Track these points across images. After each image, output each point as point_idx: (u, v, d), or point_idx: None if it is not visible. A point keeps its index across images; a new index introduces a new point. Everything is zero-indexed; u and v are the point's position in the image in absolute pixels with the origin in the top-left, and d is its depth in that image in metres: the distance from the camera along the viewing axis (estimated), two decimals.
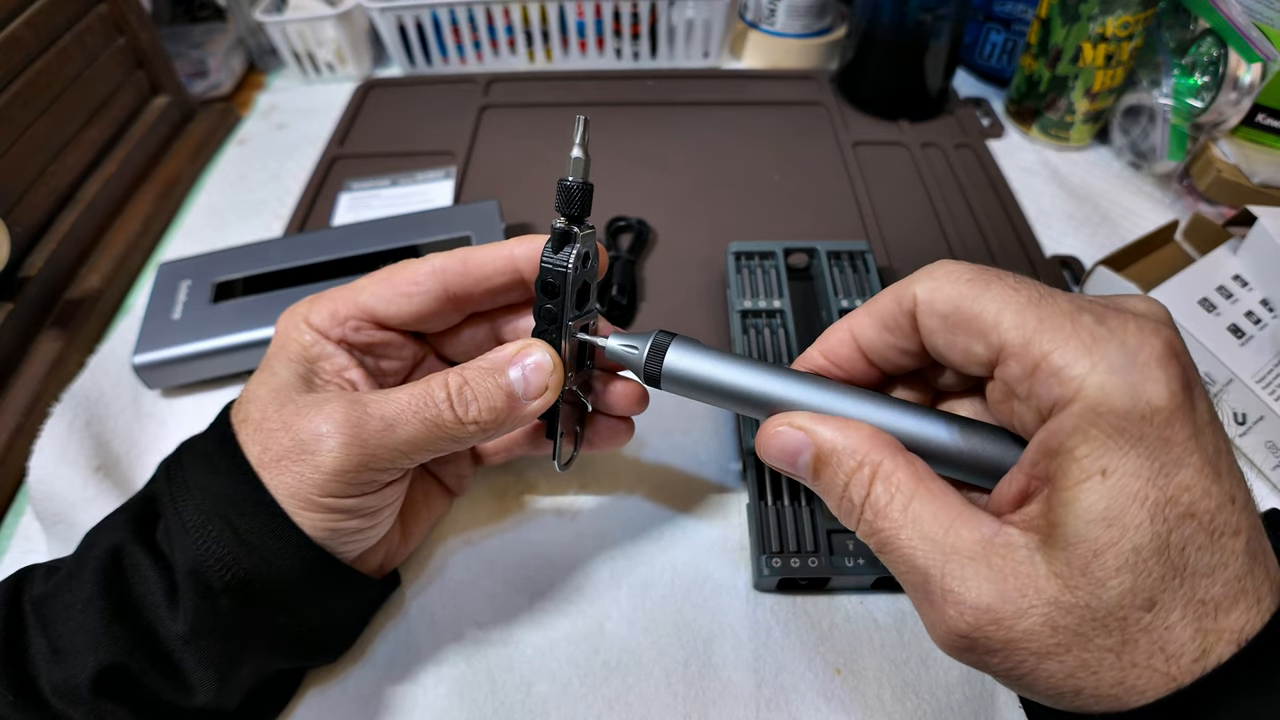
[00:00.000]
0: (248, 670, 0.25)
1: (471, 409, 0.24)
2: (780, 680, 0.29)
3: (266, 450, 0.23)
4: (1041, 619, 0.17)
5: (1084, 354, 0.17)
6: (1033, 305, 0.18)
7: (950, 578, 0.18)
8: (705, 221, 0.48)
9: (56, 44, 0.44)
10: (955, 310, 0.19)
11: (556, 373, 0.25)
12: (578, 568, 0.32)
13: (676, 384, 0.25)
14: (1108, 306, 0.18)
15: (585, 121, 0.23)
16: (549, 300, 0.25)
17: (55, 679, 0.22)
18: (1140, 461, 0.16)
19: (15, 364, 0.38)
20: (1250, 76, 0.44)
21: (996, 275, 0.19)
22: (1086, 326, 0.17)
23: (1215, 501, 0.16)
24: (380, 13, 0.58)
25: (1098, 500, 0.16)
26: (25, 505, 0.35)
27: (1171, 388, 0.16)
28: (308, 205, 0.49)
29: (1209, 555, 0.16)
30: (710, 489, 0.35)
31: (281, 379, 0.25)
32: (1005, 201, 0.49)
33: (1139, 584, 0.16)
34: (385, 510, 0.26)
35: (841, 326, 0.23)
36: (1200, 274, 0.39)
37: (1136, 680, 0.16)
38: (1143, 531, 0.16)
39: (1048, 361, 0.17)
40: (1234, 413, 0.35)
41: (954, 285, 0.20)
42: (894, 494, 0.19)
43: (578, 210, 0.23)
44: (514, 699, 0.28)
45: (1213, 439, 0.17)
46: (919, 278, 0.21)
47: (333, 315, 0.26)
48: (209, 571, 0.23)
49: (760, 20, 0.61)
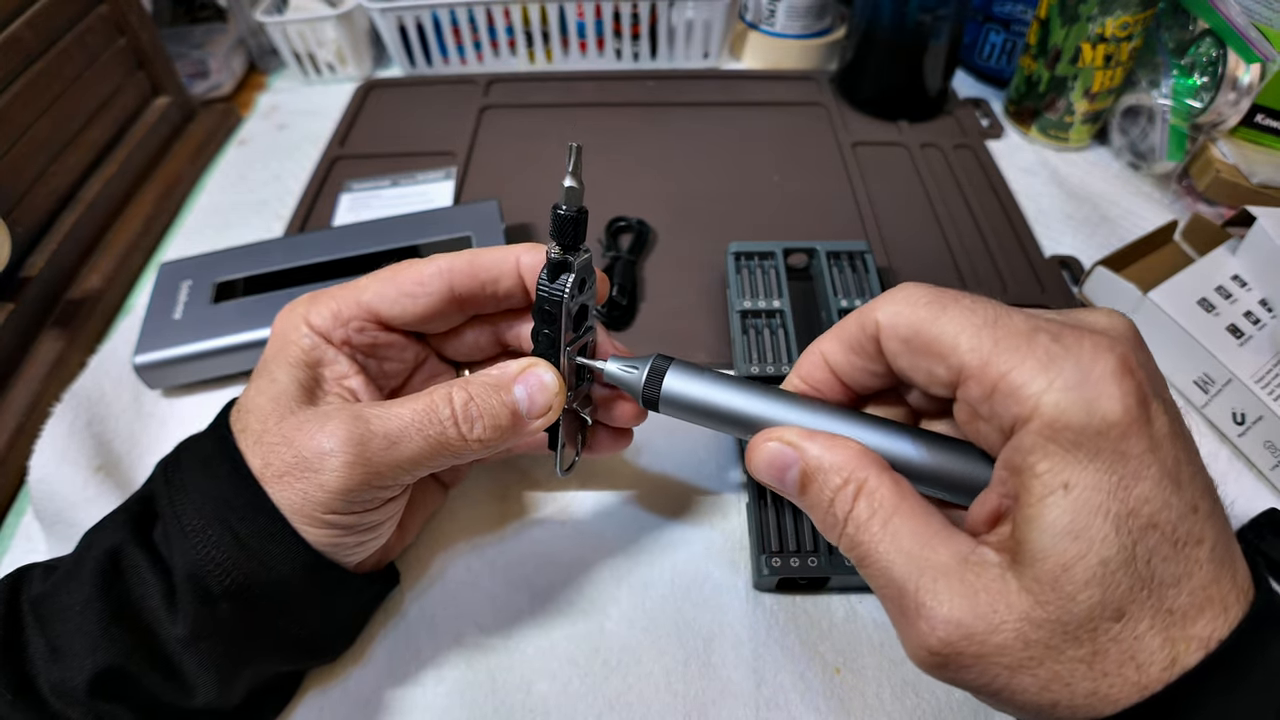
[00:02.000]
0: (248, 672, 0.25)
1: (476, 427, 0.24)
2: (780, 679, 0.29)
3: (268, 465, 0.23)
4: (1014, 633, 0.17)
5: (1040, 372, 0.17)
6: (989, 326, 0.19)
7: (924, 592, 0.18)
8: (705, 222, 0.48)
9: (57, 44, 0.44)
10: (915, 334, 0.20)
11: (560, 393, 0.25)
12: (578, 567, 0.32)
13: (674, 408, 0.25)
14: (1065, 324, 0.19)
15: (577, 149, 0.22)
16: (546, 326, 0.25)
17: (54, 679, 0.22)
18: (1100, 475, 0.17)
19: (16, 364, 0.38)
20: (1249, 77, 0.44)
21: (954, 297, 0.20)
22: (1042, 345, 0.18)
23: (1176, 512, 0.17)
24: (381, 13, 0.58)
25: (1062, 514, 0.17)
26: (26, 505, 0.35)
27: (1125, 402, 0.17)
28: (308, 205, 0.49)
29: (1174, 565, 0.17)
30: (710, 489, 0.35)
31: (281, 386, 0.25)
32: (1004, 202, 0.49)
33: (1108, 596, 0.16)
34: (387, 524, 0.26)
35: (814, 351, 0.24)
36: (1199, 274, 0.39)
37: (1109, 690, 0.17)
38: (1109, 544, 0.16)
39: (1005, 381, 0.18)
40: (1233, 413, 0.36)
41: (913, 309, 0.20)
42: (876, 509, 0.20)
43: (571, 240, 0.23)
44: (514, 699, 0.28)
45: (1173, 450, 0.17)
46: (881, 302, 0.21)
47: (335, 315, 0.26)
48: (209, 576, 0.23)
49: (760, 21, 0.61)
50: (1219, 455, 0.36)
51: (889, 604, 0.19)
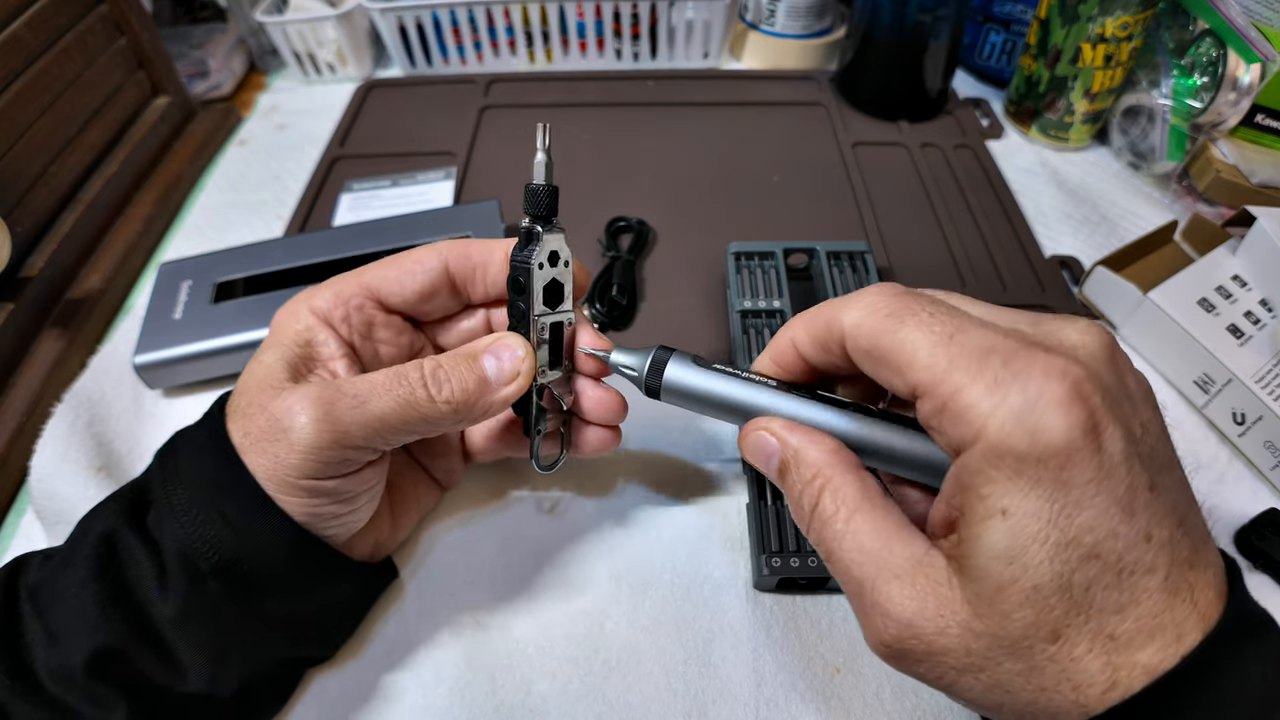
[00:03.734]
0: (240, 657, 0.25)
1: (444, 389, 0.25)
2: (780, 679, 0.29)
3: (247, 434, 0.24)
4: (956, 639, 0.18)
5: (987, 395, 0.17)
6: (944, 343, 0.19)
7: (879, 591, 0.19)
8: (705, 222, 0.48)
9: (57, 44, 0.44)
10: (875, 346, 0.20)
11: (528, 360, 0.26)
12: (577, 567, 0.32)
13: (675, 396, 0.26)
14: (1024, 343, 0.18)
15: (547, 128, 0.25)
16: (518, 296, 0.26)
17: (51, 663, 0.23)
18: (1040, 503, 0.17)
19: (16, 364, 0.38)
20: (1249, 77, 0.44)
21: (914, 309, 0.20)
22: (993, 368, 0.18)
23: (1124, 541, 0.16)
24: (381, 13, 0.58)
25: (999, 539, 0.17)
26: (26, 505, 0.35)
27: (1069, 433, 0.17)
28: (308, 205, 0.49)
29: (1117, 593, 0.16)
30: (710, 488, 0.35)
31: (267, 367, 0.25)
32: (1004, 202, 0.49)
33: (1041, 618, 0.17)
34: (364, 495, 0.26)
35: (784, 337, 0.24)
36: (1199, 274, 0.39)
37: (1048, 704, 0.17)
38: (1042, 571, 0.17)
39: (954, 400, 0.18)
40: (1233, 413, 0.36)
41: (874, 319, 0.20)
42: (839, 507, 0.21)
43: (544, 210, 0.25)
44: (514, 698, 0.28)
45: (1127, 477, 0.17)
46: (847, 305, 0.21)
47: (337, 295, 0.27)
48: (197, 555, 0.23)
49: (760, 21, 0.61)
50: (1219, 456, 0.36)
51: (851, 597, 0.20)
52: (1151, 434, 0.18)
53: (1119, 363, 0.19)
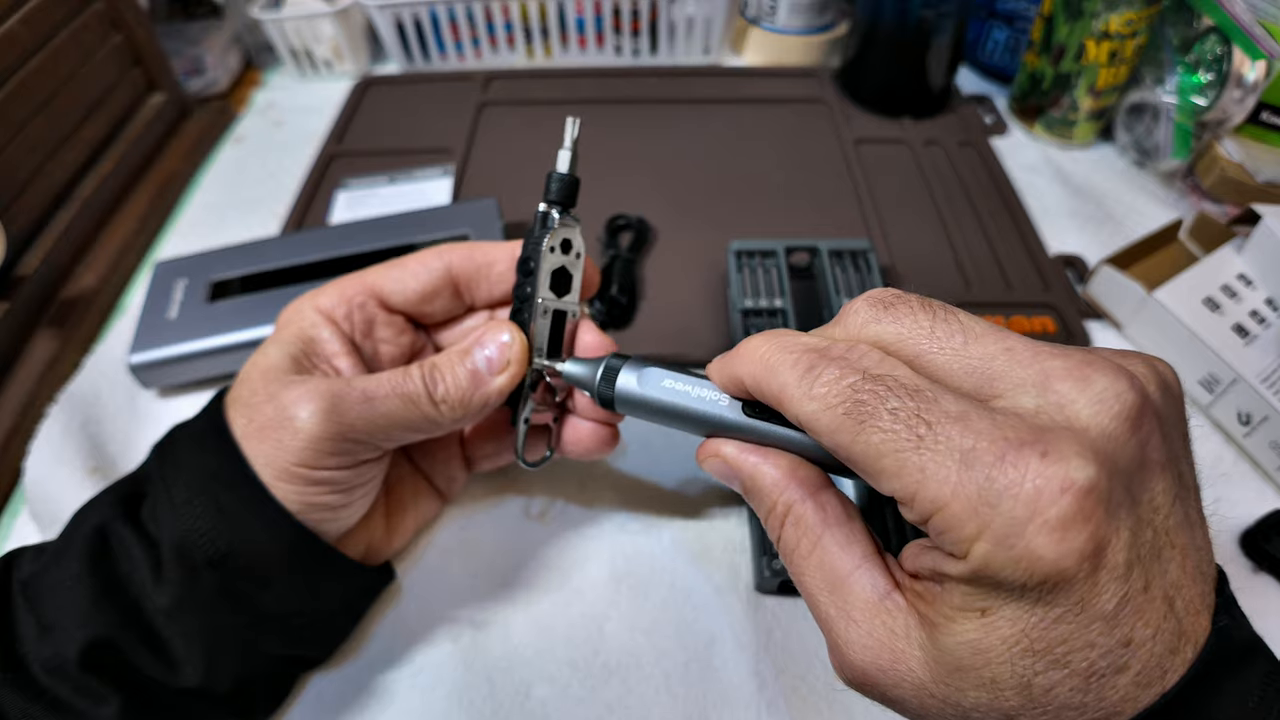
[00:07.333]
0: (235, 653, 0.25)
1: (440, 387, 0.25)
2: (781, 682, 0.28)
3: (251, 422, 0.24)
4: (911, 693, 0.18)
5: (970, 518, 0.15)
6: (913, 449, 0.16)
7: (837, 632, 0.19)
8: (706, 220, 0.48)
9: (52, 41, 0.43)
10: (835, 448, 0.18)
11: (519, 348, 0.26)
12: (577, 570, 0.32)
13: (629, 408, 0.24)
14: (1013, 441, 0.15)
15: (578, 122, 0.26)
16: (525, 279, 0.26)
17: (44, 655, 0.23)
18: (1018, 613, 0.16)
19: (10, 364, 0.38)
20: (1254, 74, 0.43)
21: (873, 407, 0.17)
22: (975, 482, 0.15)
23: (1099, 651, 0.16)
24: (378, 9, 0.57)
25: (970, 630, 0.16)
26: (21, 506, 0.35)
27: (1061, 564, 0.15)
28: (305, 203, 0.49)
29: (1082, 695, 0.16)
30: (711, 490, 0.34)
31: (271, 359, 0.26)
32: (1008, 200, 0.49)
33: (995, 703, 0.16)
34: (360, 490, 0.26)
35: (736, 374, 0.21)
36: (1204, 273, 0.38)
37: None
38: (1003, 669, 0.16)
39: (935, 519, 0.16)
40: (1239, 413, 0.35)
41: (830, 416, 0.17)
42: (800, 538, 0.20)
43: (560, 197, 0.26)
44: (513, 702, 0.28)
45: (1122, 589, 0.15)
46: (801, 388, 0.18)
47: (340, 293, 0.28)
48: (193, 546, 0.23)
49: (761, 17, 0.61)
50: (1224, 456, 0.36)
51: (818, 623, 0.20)
52: (1163, 509, 0.16)
53: (1143, 430, 0.16)
